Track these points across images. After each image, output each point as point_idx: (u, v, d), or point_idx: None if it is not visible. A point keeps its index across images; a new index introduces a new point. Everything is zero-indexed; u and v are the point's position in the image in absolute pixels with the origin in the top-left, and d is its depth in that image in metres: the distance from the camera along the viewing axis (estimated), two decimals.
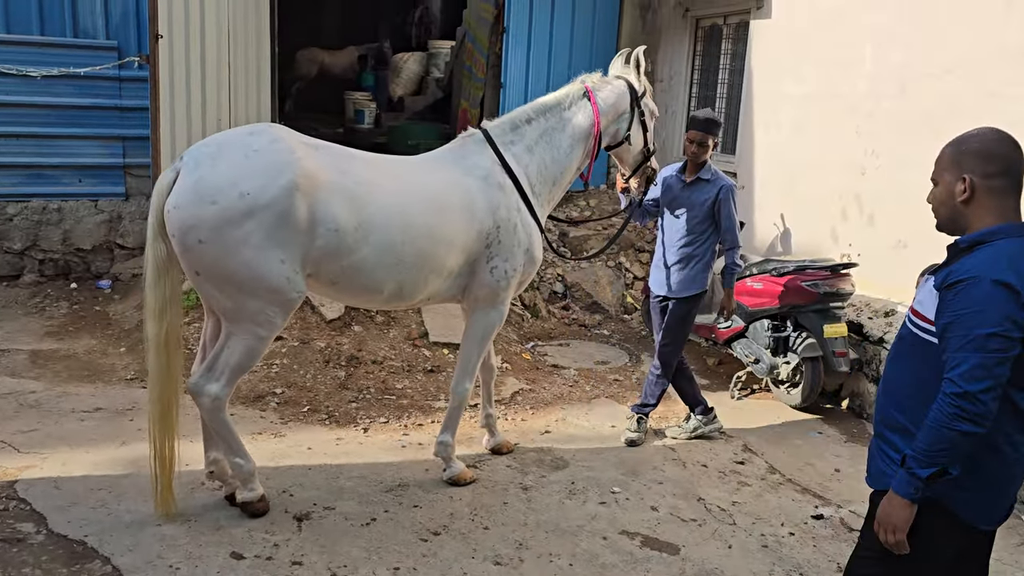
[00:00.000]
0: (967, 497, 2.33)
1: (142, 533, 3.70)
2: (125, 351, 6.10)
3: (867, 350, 5.96)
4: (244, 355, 3.68)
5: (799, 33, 7.04)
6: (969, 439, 2.20)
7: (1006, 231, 2.26)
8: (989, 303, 2.16)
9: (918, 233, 5.75)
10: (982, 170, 2.29)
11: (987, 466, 2.31)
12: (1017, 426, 2.30)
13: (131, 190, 7.59)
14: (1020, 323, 2.16)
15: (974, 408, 2.17)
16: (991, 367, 2.16)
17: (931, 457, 2.23)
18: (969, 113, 5.31)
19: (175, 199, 3.49)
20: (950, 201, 2.35)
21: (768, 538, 4.16)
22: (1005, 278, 2.16)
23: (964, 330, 2.19)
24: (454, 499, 4.26)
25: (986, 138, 2.34)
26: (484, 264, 4.14)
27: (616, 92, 4.58)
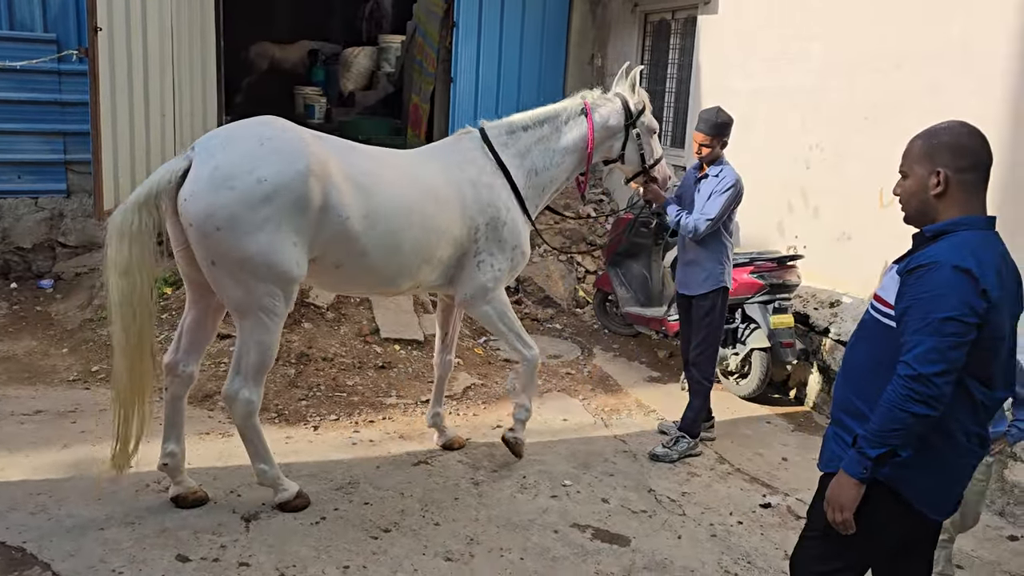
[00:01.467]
0: (920, 483, 2.35)
1: (84, 538, 3.61)
2: (67, 352, 5.96)
3: (813, 340, 6.07)
4: (258, 349, 3.71)
5: (746, 28, 7.13)
6: (921, 421, 2.22)
7: (970, 223, 2.30)
8: (948, 288, 2.19)
9: (861, 225, 5.88)
10: (955, 164, 2.31)
11: (941, 454, 2.34)
12: (971, 415, 2.33)
13: (73, 187, 7.40)
14: (977, 310, 2.19)
15: (927, 390, 2.19)
16: (946, 351, 2.18)
17: (882, 437, 2.26)
18: (912, 107, 5.44)
19: (191, 187, 3.50)
20: (922, 194, 2.36)
21: (717, 527, 4.21)
22: (965, 264, 2.20)
23: (922, 313, 2.22)
24: (405, 496, 4.24)
25: (958, 132, 2.35)
26: (472, 258, 4.28)
27: (611, 112, 4.67)
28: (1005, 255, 2.32)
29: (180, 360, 3.91)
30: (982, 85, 5.09)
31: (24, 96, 7.06)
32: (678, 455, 4.96)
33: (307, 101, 13.36)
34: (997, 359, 2.32)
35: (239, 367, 3.75)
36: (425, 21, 10.51)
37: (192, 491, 3.97)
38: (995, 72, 5.05)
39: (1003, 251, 2.32)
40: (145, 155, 6.42)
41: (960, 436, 2.34)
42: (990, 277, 2.21)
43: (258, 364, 3.74)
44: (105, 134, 5.87)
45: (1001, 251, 2.31)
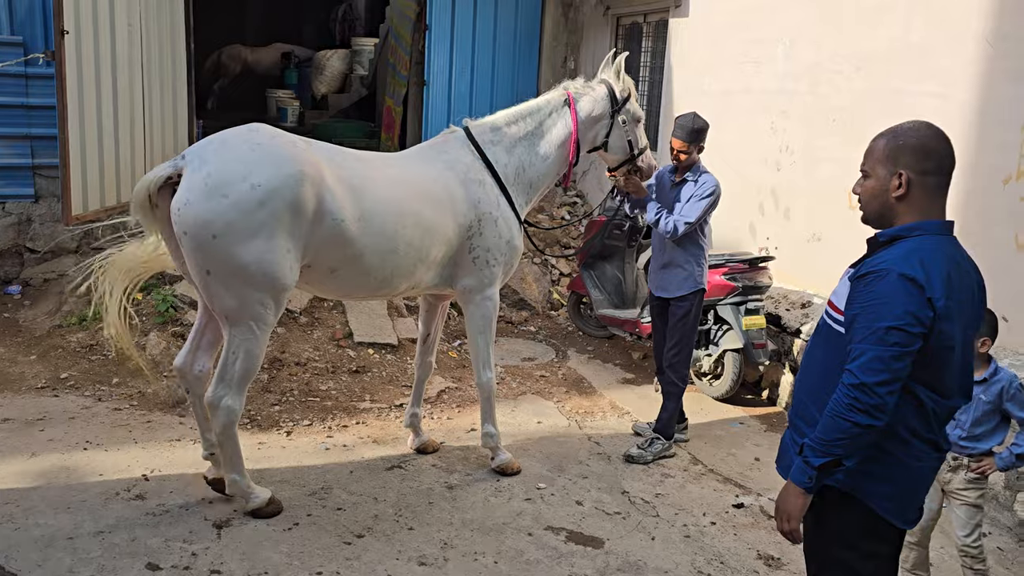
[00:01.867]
0: (882, 491, 2.32)
1: (52, 548, 3.56)
2: (36, 359, 5.87)
3: (785, 341, 6.12)
4: (246, 357, 3.70)
5: (716, 32, 7.19)
6: (864, 431, 2.19)
7: (925, 227, 2.26)
8: (893, 297, 2.16)
9: (832, 226, 5.95)
10: (919, 166, 2.26)
11: (899, 460, 2.30)
12: (922, 422, 2.29)
13: (41, 192, 7.29)
14: (922, 319, 2.15)
15: (869, 400, 2.17)
16: (889, 361, 2.16)
17: (826, 446, 2.23)
18: (876, 110, 5.52)
19: (184, 196, 3.49)
20: (883, 195, 2.31)
21: (690, 528, 4.24)
22: (911, 273, 2.16)
23: (867, 322, 2.20)
24: (378, 501, 4.23)
25: (922, 133, 2.30)
26: (467, 255, 4.30)
27: (594, 99, 4.64)
28: (960, 261, 2.27)
29: (193, 362, 3.98)
30: (944, 88, 5.17)
31: None
32: (653, 456, 4.98)
33: (280, 104, 13.28)
34: (948, 368, 2.26)
35: (224, 375, 3.73)
36: (398, 24, 10.49)
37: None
38: (955, 75, 5.13)
39: (958, 257, 2.28)
40: (114, 159, 6.35)
41: (914, 442, 2.30)
42: (937, 286, 2.17)
43: (244, 372, 3.72)
44: (73, 138, 5.79)
45: (955, 257, 2.26)
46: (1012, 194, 4.80)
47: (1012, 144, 4.81)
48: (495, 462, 4.63)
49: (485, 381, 4.54)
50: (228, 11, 16.25)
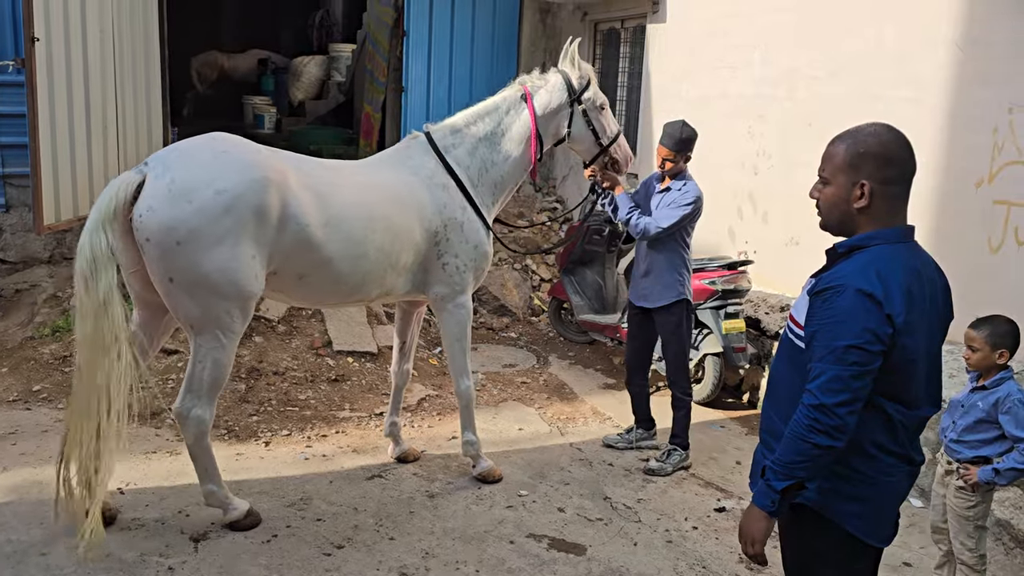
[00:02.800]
0: (852, 510, 2.24)
1: (24, 564, 3.49)
2: (7, 372, 5.76)
3: (765, 344, 6.14)
4: (213, 367, 3.65)
5: (693, 37, 7.22)
6: (825, 452, 2.12)
7: (884, 236, 2.18)
8: (851, 314, 2.08)
9: (810, 230, 5.93)
10: (881, 175, 2.16)
11: (867, 478, 2.22)
12: (889, 435, 2.21)
13: (12, 201, 7.18)
14: (881, 336, 2.07)
15: (829, 420, 2.09)
16: (848, 380, 2.08)
17: (788, 469, 2.15)
18: (852, 114, 5.53)
19: (148, 202, 3.43)
20: (843, 205, 2.21)
21: (672, 533, 4.22)
22: (869, 288, 2.07)
23: (826, 340, 2.11)
24: (359, 511, 4.18)
25: (884, 139, 2.18)
26: (436, 261, 4.28)
27: (551, 91, 4.56)
28: (920, 269, 2.19)
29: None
30: (917, 93, 5.21)
31: None
32: (672, 468, 4.94)
33: (256, 111, 13.19)
34: (914, 379, 2.19)
35: (191, 385, 3.67)
36: (375, 30, 10.46)
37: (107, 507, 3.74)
38: (928, 80, 5.18)
39: (918, 265, 2.19)
40: (87, 167, 6.26)
41: (881, 456, 2.21)
42: (896, 300, 2.08)
43: (212, 382, 3.67)
44: (44, 147, 5.70)
45: (914, 266, 2.17)
46: (985, 197, 4.83)
47: (984, 147, 4.85)
48: (476, 470, 4.60)
49: (464, 390, 4.52)
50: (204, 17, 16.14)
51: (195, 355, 3.66)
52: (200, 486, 3.86)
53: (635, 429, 5.27)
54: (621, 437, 5.26)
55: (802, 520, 2.29)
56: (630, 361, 5.20)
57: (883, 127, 2.23)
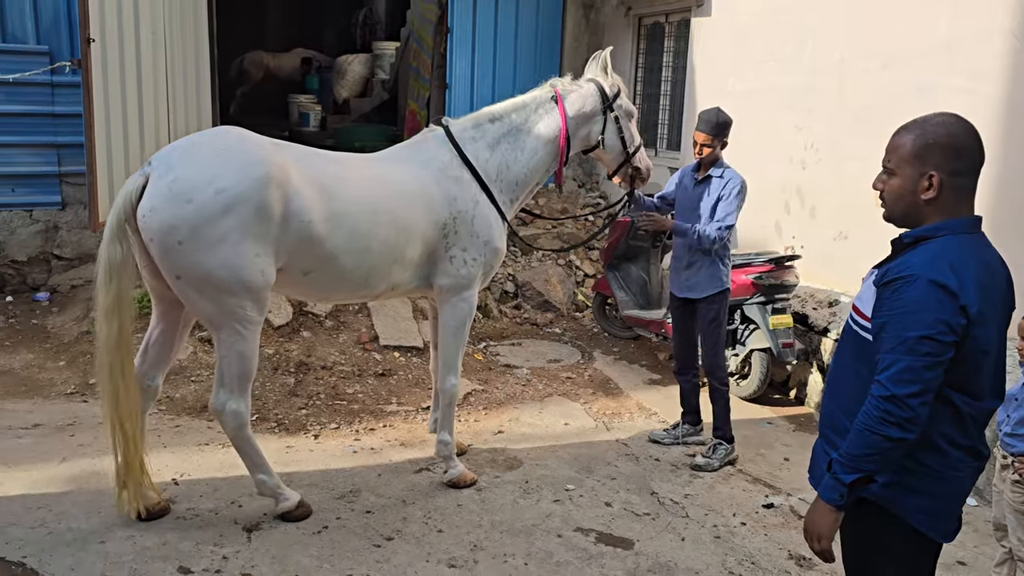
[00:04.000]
0: (918, 504, 2.20)
1: (84, 552, 3.59)
2: (65, 365, 5.93)
3: (812, 340, 6.06)
4: (238, 359, 3.68)
5: (739, 30, 7.14)
6: (897, 445, 2.09)
7: (951, 227, 2.15)
8: (924, 305, 2.05)
9: (858, 224, 5.88)
10: (950, 167, 2.13)
11: (935, 473, 2.19)
12: (957, 428, 2.18)
13: (68, 199, 7.37)
14: (955, 327, 2.05)
15: (901, 412, 2.06)
16: (921, 371, 2.05)
17: (856, 462, 2.13)
18: (903, 106, 5.42)
19: (150, 202, 3.47)
20: (910, 196, 2.18)
21: (720, 529, 4.20)
22: (942, 279, 2.05)
23: (897, 331, 2.09)
24: (407, 503, 4.22)
25: (953, 130, 2.15)
26: (443, 254, 4.20)
27: (584, 96, 4.54)
28: (990, 261, 2.17)
29: (146, 373, 3.88)
30: (972, 83, 5.10)
31: (17, 109, 7.03)
32: (719, 463, 4.92)
33: (302, 109, 13.35)
34: (983, 371, 2.16)
35: (222, 380, 3.72)
36: (419, 27, 10.51)
37: (155, 502, 3.91)
38: (983, 70, 5.06)
39: (987, 257, 2.17)
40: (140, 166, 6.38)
41: (950, 449, 2.18)
42: (970, 291, 2.06)
43: (240, 374, 3.71)
44: (99, 145, 5.85)
45: (984, 258, 2.16)
46: None
47: None
48: (447, 475, 4.43)
49: (449, 387, 4.38)
50: (250, 18, 16.39)
51: (219, 350, 3.71)
52: (251, 476, 3.93)
53: (681, 424, 5.25)
54: (667, 433, 5.24)
55: (865, 514, 2.25)
56: (679, 354, 5.18)
57: (951, 117, 2.18)
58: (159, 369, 3.96)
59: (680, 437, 5.21)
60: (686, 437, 5.21)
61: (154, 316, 3.96)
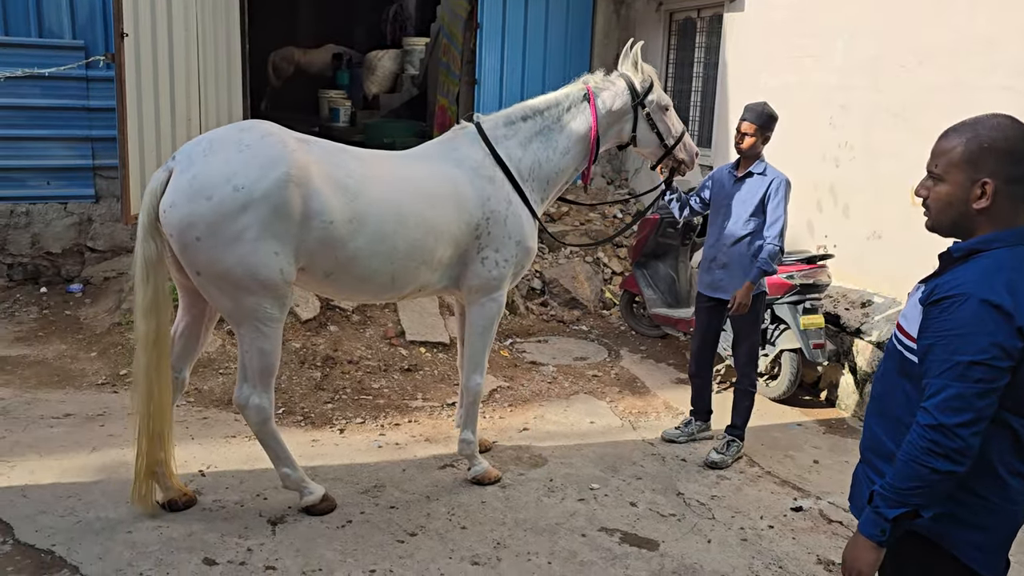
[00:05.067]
0: (972, 540, 2.02)
1: (112, 541, 3.62)
2: (96, 356, 6.00)
3: (844, 341, 5.97)
4: (260, 355, 3.69)
5: (772, 25, 7.04)
6: (945, 478, 1.93)
7: (1004, 239, 1.96)
8: (976, 326, 1.88)
9: (893, 224, 5.78)
10: (1006, 174, 1.95)
11: (991, 505, 2.01)
12: (1019, 457, 1.99)
13: (101, 192, 7.46)
14: (1010, 351, 1.87)
15: (950, 443, 1.90)
16: (972, 398, 1.88)
17: (901, 495, 1.97)
18: (941, 104, 5.34)
19: (171, 197, 3.49)
20: (961, 206, 2.00)
21: (747, 531, 4.14)
22: (996, 299, 1.87)
23: (946, 354, 1.91)
24: (431, 499, 4.22)
25: (1010, 134, 1.96)
26: (475, 255, 4.13)
27: (615, 94, 4.47)
28: None
29: (173, 365, 3.88)
30: (1013, 80, 4.98)
31: (53, 102, 7.13)
32: (732, 459, 4.89)
33: (331, 105, 13.41)
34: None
35: (245, 374, 3.74)
36: (449, 23, 10.51)
37: (183, 492, 3.95)
38: None
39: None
40: None
41: (1011, 481, 2.00)
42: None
43: (262, 370, 3.71)
44: (132, 139, 5.91)
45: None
46: None
47: None
48: (471, 472, 4.41)
49: (474, 386, 4.34)
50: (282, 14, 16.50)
51: (241, 345, 3.72)
52: (276, 470, 3.95)
53: (693, 422, 5.22)
54: (680, 431, 5.19)
55: (911, 547, 2.09)
56: (699, 352, 5.11)
57: (1007, 119, 2.01)
58: (186, 362, 3.99)
59: (695, 434, 5.19)
60: (699, 434, 5.21)
61: (180, 309, 3.99)
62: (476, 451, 4.45)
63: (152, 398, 3.69)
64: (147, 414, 3.70)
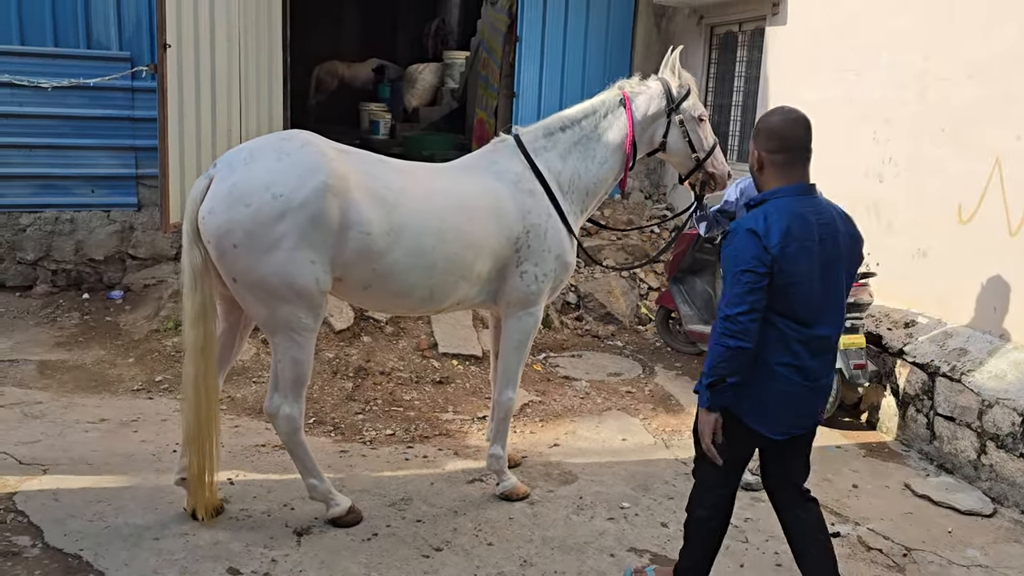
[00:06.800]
0: (747, 407, 3.00)
1: (138, 547, 3.63)
2: (134, 362, 6.07)
3: (886, 362, 5.80)
4: (292, 365, 3.69)
5: (815, 39, 6.93)
6: (736, 352, 2.83)
7: (784, 191, 2.94)
8: (743, 247, 2.85)
9: (938, 242, 5.62)
10: (765, 146, 2.98)
11: (760, 382, 2.96)
12: (781, 347, 2.94)
13: (143, 201, 7.58)
14: (763, 260, 2.82)
15: (735, 327, 2.82)
16: (744, 295, 2.82)
17: (712, 369, 2.88)
18: (990, 118, 5.19)
19: (210, 204, 3.51)
20: (752, 168, 3.08)
21: (782, 556, 4.01)
22: (755, 227, 2.84)
23: (730, 267, 2.88)
24: (458, 514, 4.17)
25: (773, 119, 3.02)
26: (514, 269, 4.08)
27: (650, 98, 4.37)
28: (806, 215, 2.89)
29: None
30: None
31: (99, 112, 7.28)
32: None
33: (372, 117, 13.52)
34: (799, 300, 2.90)
35: (277, 384, 3.73)
36: (489, 37, 10.54)
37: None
38: None
39: (806, 212, 2.89)
40: None
41: (773, 366, 2.95)
42: (773, 235, 2.82)
43: (294, 380, 3.70)
44: (172, 148, 5.99)
45: (801, 212, 2.88)
46: None
47: None
48: (500, 488, 4.34)
49: (506, 400, 4.29)
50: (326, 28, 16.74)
51: (274, 354, 3.72)
52: (303, 480, 3.93)
53: None
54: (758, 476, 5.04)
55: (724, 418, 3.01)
56: None
57: (781, 109, 3.07)
58: (220, 369, 3.98)
59: None
60: None
61: (220, 317, 3.98)
62: (505, 466, 4.39)
63: (201, 407, 3.69)
64: (196, 422, 3.70)
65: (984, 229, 5.19)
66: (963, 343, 5.28)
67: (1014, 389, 4.78)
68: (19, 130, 7.13)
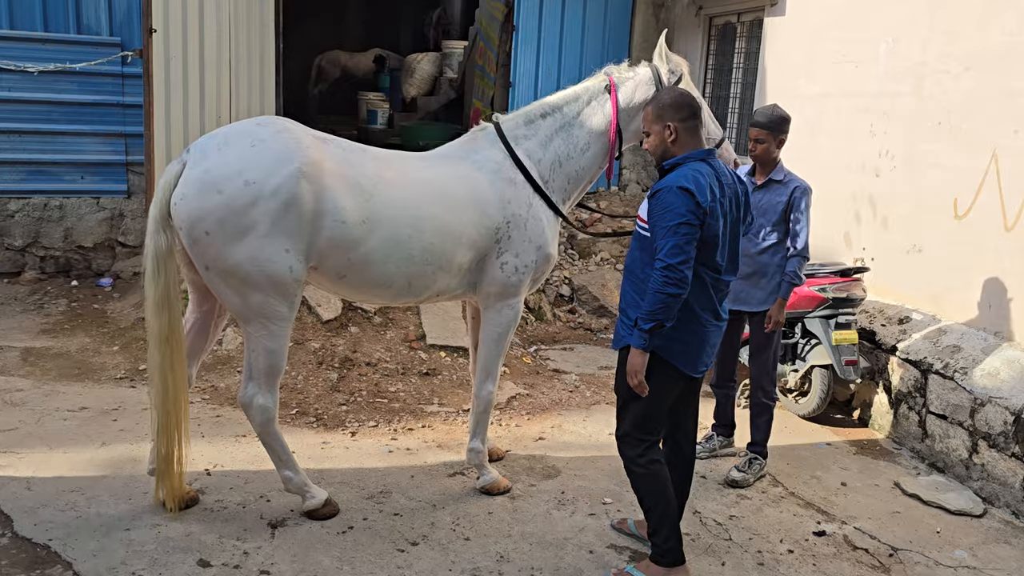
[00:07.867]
0: (675, 348, 3.33)
1: (108, 538, 3.57)
2: (118, 350, 6.01)
3: (879, 358, 5.72)
4: (266, 355, 3.63)
5: (813, 31, 6.82)
6: (675, 299, 3.13)
7: (694, 156, 3.32)
8: (676, 203, 3.14)
9: (934, 237, 5.53)
10: (679, 116, 3.33)
11: (687, 325, 3.31)
12: (705, 293, 3.33)
13: (133, 187, 7.52)
14: (697, 215, 3.14)
15: (675, 275, 3.11)
16: (683, 245, 3.13)
17: (652, 315, 3.14)
18: (988, 112, 5.09)
19: (182, 190, 3.44)
20: (662, 144, 3.37)
21: (765, 555, 3.95)
22: (687, 185, 3.16)
23: (664, 222, 3.16)
24: (437, 508, 4.10)
25: (674, 94, 3.47)
26: (494, 260, 4.00)
27: (637, 84, 4.19)
28: (719, 176, 3.31)
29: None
30: None
31: (89, 98, 7.21)
32: (755, 478, 4.71)
33: (369, 107, 13.42)
34: (717, 251, 3.28)
35: (250, 373, 3.66)
36: (487, 26, 10.43)
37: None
38: None
39: (718, 173, 3.31)
40: None
41: (701, 313, 3.35)
42: (704, 193, 3.17)
43: (268, 369, 3.64)
44: (159, 135, 5.92)
45: (715, 173, 3.29)
46: None
47: None
48: (480, 481, 4.28)
49: (485, 394, 4.19)
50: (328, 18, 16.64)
51: (248, 343, 3.65)
52: (277, 472, 3.87)
53: (715, 436, 5.05)
54: (702, 447, 4.98)
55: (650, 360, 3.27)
56: (720, 364, 4.94)
57: (671, 87, 3.87)
58: (193, 359, 3.93)
59: (716, 449, 5.02)
60: (721, 449, 5.04)
61: (190, 306, 3.94)
62: (485, 460, 4.33)
63: (168, 395, 3.63)
64: (164, 412, 3.64)
65: (980, 224, 5.10)
66: (957, 340, 5.19)
67: (1007, 388, 4.70)
68: (8, 115, 7.08)
